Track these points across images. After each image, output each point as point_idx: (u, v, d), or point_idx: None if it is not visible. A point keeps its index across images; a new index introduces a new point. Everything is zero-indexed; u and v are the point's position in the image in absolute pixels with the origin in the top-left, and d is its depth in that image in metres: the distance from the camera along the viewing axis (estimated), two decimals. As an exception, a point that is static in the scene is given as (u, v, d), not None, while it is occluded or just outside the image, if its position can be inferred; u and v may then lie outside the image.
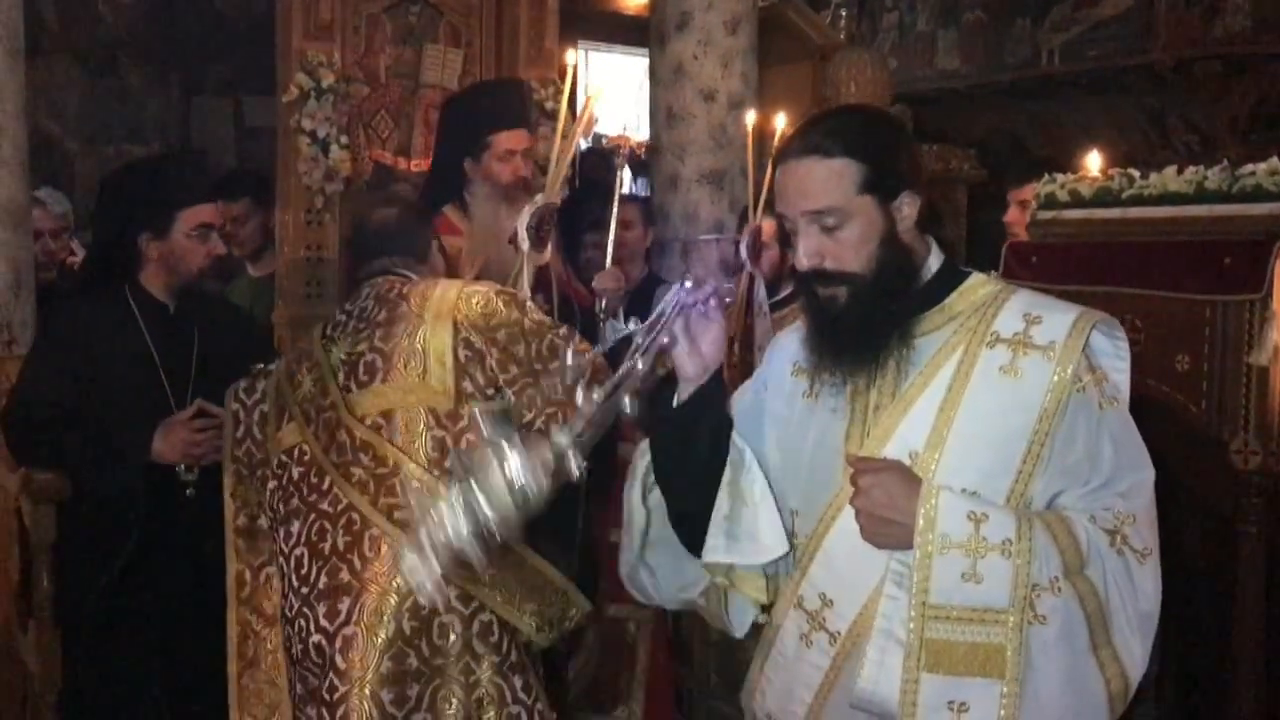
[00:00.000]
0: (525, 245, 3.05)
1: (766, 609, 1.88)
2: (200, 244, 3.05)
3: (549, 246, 3.11)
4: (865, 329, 1.74)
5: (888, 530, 1.64)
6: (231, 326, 3.29)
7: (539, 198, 3.10)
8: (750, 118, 3.43)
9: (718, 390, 1.79)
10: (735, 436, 1.82)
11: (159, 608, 2.95)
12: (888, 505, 1.63)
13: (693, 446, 1.79)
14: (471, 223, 3.24)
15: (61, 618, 3.03)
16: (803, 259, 1.74)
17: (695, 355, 1.73)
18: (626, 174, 7.08)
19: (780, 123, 3.44)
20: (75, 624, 3.01)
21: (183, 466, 2.95)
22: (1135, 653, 1.65)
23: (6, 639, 3.43)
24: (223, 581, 2.75)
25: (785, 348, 1.93)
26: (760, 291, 3.37)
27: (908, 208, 1.75)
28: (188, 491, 2.97)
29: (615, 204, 3.22)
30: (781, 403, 1.87)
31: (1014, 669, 1.59)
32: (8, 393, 3.20)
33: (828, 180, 1.72)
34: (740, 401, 1.92)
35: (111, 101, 7.51)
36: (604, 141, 3.35)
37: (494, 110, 3.27)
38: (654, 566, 1.93)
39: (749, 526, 1.78)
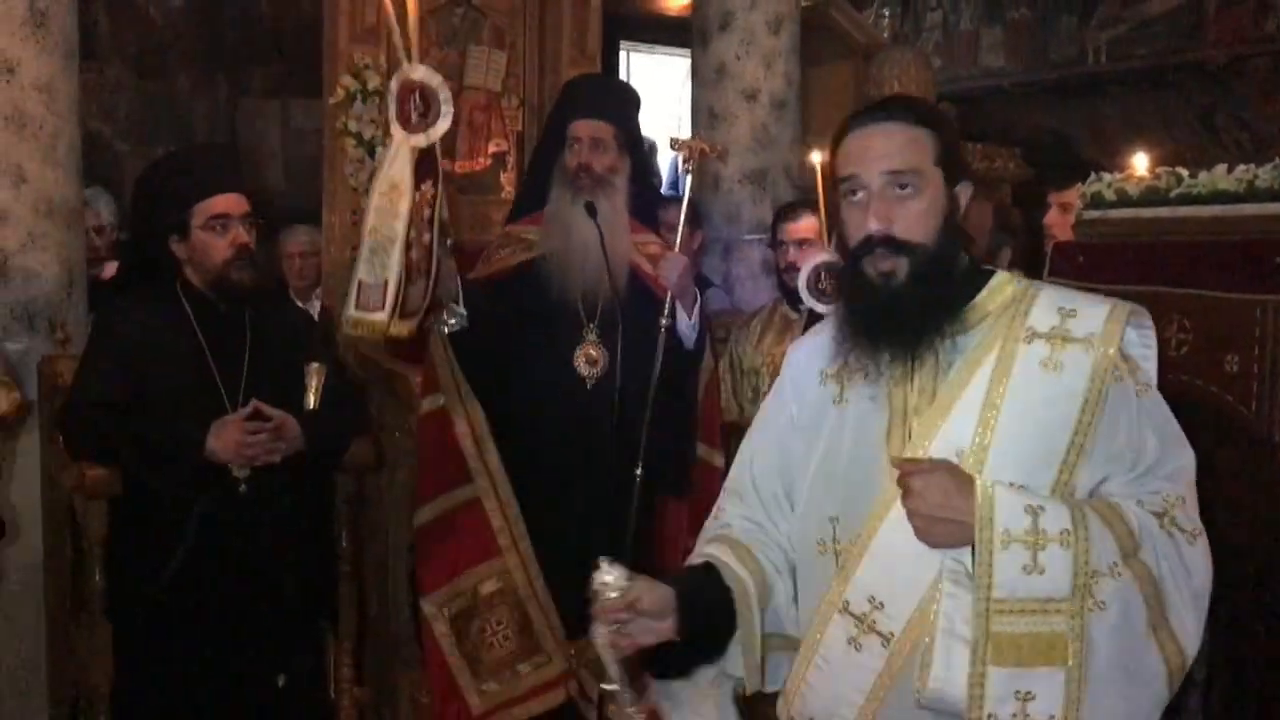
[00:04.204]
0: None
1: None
2: (220, 236, 3.03)
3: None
4: (920, 309, 1.75)
5: (943, 529, 1.65)
6: (284, 323, 3.30)
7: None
8: (816, 157, 3.43)
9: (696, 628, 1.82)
10: (735, 575, 1.86)
11: (210, 606, 2.99)
12: (944, 505, 1.63)
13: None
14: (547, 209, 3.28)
15: (114, 614, 3.08)
16: (872, 223, 1.74)
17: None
18: (666, 174, 7.10)
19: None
20: (127, 620, 3.06)
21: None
22: (1190, 629, 1.68)
23: (60, 634, 3.50)
24: (274, 580, 2.75)
25: (807, 357, 1.95)
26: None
27: (964, 197, 1.80)
28: (240, 489, 3.00)
29: (685, 203, 3.23)
30: (810, 413, 1.89)
31: (1076, 655, 1.61)
32: (63, 390, 3.26)
33: (910, 144, 1.76)
34: (775, 421, 1.95)
35: (160, 103, 7.62)
36: (673, 144, 3.33)
37: (572, 101, 3.31)
38: None
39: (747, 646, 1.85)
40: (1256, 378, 2.69)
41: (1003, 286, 1.81)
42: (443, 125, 2.81)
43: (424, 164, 2.83)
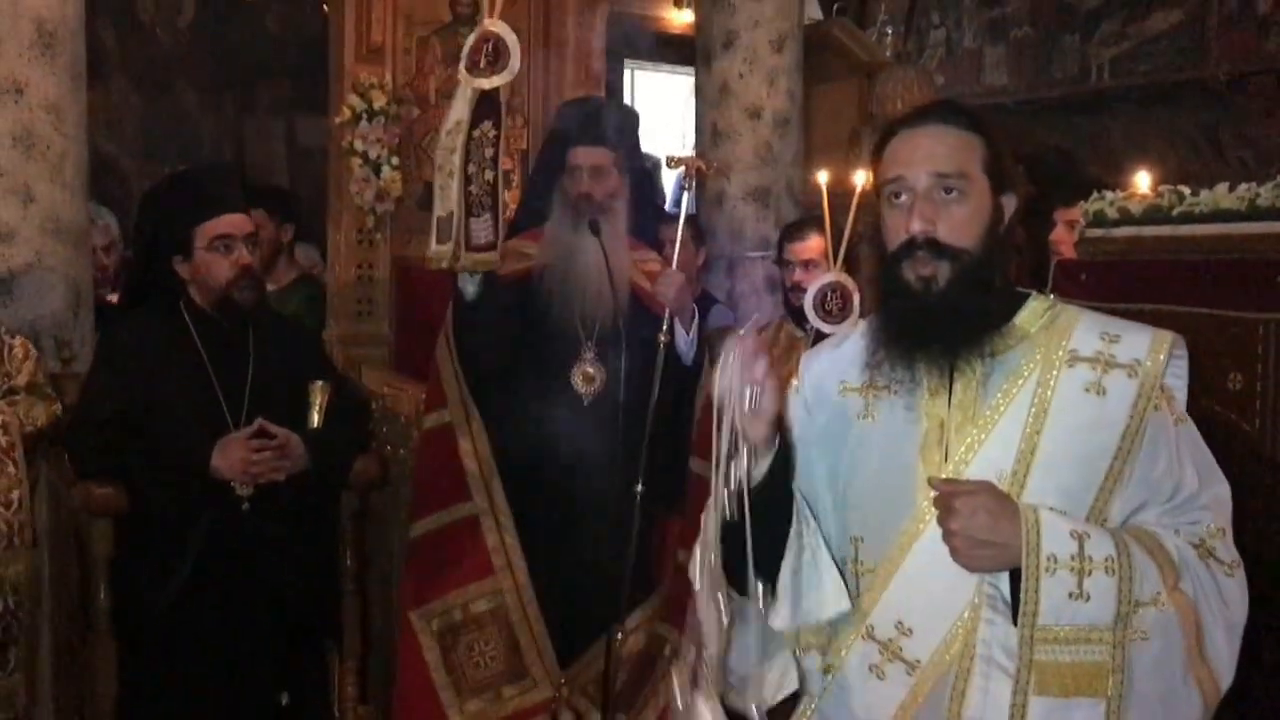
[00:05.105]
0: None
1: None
2: (223, 256, 3.06)
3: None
4: (960, 317, 1.70)
5: (985, 553, 1.60)
6: (287, 342, 3.32)
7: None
8: (824, 177, 3.44)
9: (788, 453, 1.71)
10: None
11: (214, 623, 2.99)
12: (989, 528, 1.59)
13: (770, 519, 1.70)
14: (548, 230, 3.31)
15: (119, 631, 3.08)
16: (915, 224, 1.69)
17: (759, 421, 1.62)
18: (669, 192, 7.12)
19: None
20: (132, 637, 3.06)
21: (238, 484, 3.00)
22: (1226, 661, 1.66)
23: (65, 651, 3.50)
24: (277, 598, 2.75)
25: (824, 368, 1.88)
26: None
27: (1009, 209, 1.76)
28: (244, 507, 3.01)
29: (682, 220, 3.24)
30: (829, 425, 1.82)
31: (1117, 687, 1.59)
32: (69, 408, 3.27)
33: (959, 148, 1.72)
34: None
35: (167, 122, 7.65)
36: (670, 162, 3.35)
37: (571, 126, 3.33)
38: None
39: (811, 583, 1.73)
40: (1259, 395, 2.70)
41: (1039, 307, 1.77)
42: (506, 75, 2.97)
43: (485, 106, 2.97)
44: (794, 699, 1.88)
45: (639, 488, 3.01)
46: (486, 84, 2.94)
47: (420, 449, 3.35)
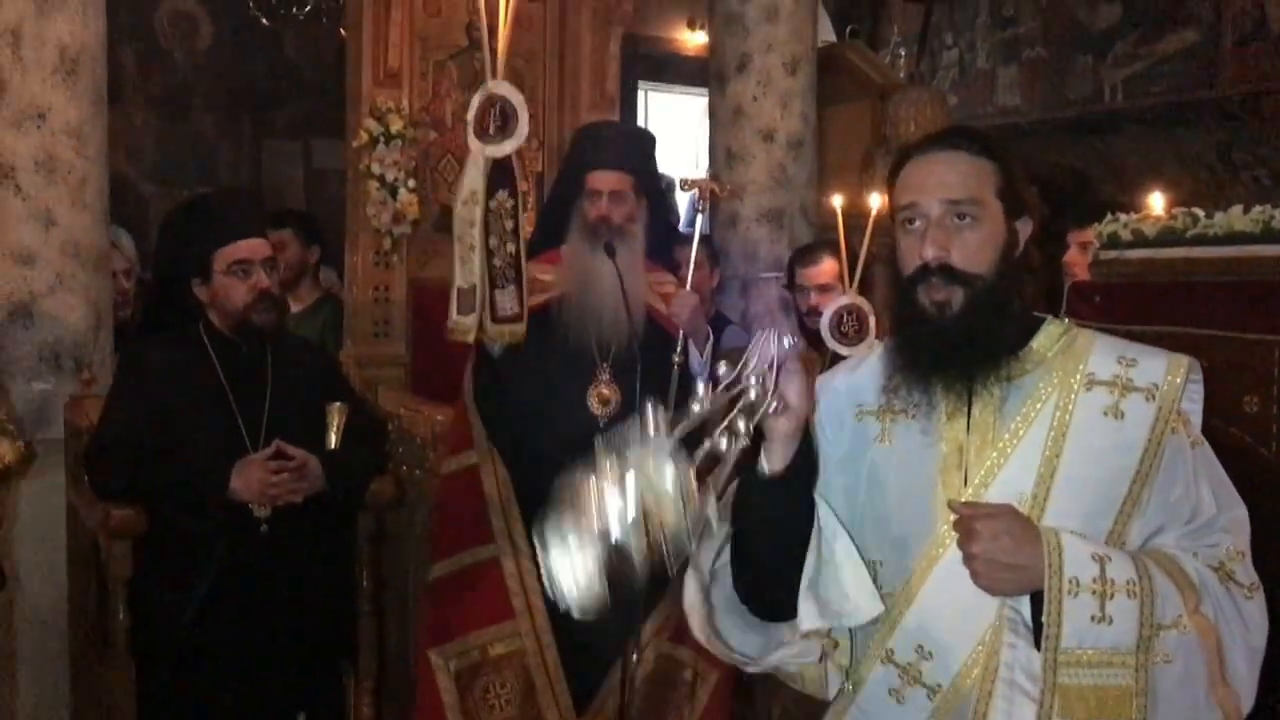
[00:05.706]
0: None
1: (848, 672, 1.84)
2: (241, 280, 3.08)
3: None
4: (975, 342, 1.71)
5: (1007, 576, 1.60)
6: (305, 364, 3.34)
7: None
8: (838, 201, 3.44)
9: (811, 449, 1.72)
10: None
11: (232, 644, 3.01)
12: (1012, 550, 1.59)
13: (788, 515, 1.70)
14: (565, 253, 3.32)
15: (137, 650, 3.10)
16: (929, 251, 1.70)
17: (788, 414, 1.62)
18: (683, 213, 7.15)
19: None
20: (150, 657, 3.08)
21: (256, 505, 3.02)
22: (1247, 685, 1.67)
23: (83, 671, 3.52)
24: (294, 619, 2.76)
25: (842, 391, 1.88)
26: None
27: (1024, 233, 1.77)
28: (261, 528, 3.03)
29: (696, 242, 3.25)
30: (846, 449, 1.82)
31: (1141, 710, 1.59)
32: (88, 430, 3.30)
33: (972, 174, 1.73)
34: None
35: (186, 145, 7.73)
36: (684, 185, 3.35)
37: (590, 150, 3.35)
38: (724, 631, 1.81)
39: (837, 588, 1.72)
40: (1276, 418, 2.69)
41: (1056, 331, 1.78)
42: (517, 139, 2.89)
43: (500, 174, 2.91)
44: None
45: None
46: (498, 152, 2.89)
47: (444, 491, 3.35)
